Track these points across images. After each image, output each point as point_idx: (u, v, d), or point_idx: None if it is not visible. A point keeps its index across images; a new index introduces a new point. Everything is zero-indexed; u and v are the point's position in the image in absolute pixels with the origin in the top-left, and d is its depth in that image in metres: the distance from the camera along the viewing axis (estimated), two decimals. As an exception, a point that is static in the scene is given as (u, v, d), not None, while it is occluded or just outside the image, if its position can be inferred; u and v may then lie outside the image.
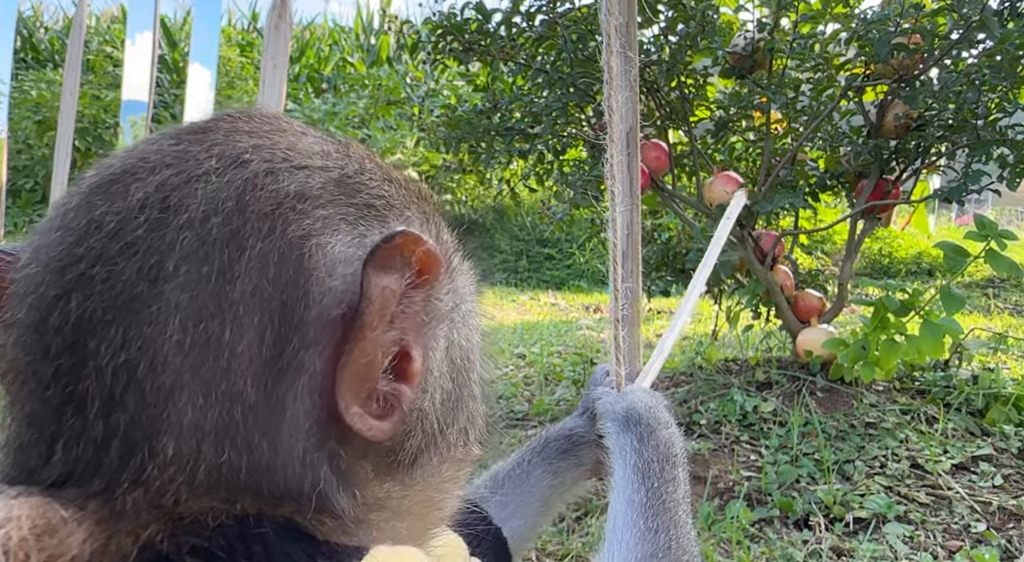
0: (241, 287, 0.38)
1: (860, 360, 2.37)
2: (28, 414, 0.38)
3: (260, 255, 0.38)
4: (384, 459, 0.43)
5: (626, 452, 0.72)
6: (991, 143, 2.28)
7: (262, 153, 0.42)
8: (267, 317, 0.38)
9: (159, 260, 0.37)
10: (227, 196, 0.39)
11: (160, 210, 0.38)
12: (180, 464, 0.37)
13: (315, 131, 0.47)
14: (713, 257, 0.86)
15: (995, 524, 1.89)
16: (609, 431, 0.75)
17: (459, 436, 0.48)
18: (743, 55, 2.64)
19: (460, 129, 2.73)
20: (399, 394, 0.41)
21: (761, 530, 1.89)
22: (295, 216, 0.40)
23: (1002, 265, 2.17)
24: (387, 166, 0.48)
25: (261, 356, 0.38)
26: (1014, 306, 6.11)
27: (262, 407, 0.38)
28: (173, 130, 0.44)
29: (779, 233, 2.82)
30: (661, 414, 0.75)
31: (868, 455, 2.17)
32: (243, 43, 11.37)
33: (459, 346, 0.47)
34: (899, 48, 2.27)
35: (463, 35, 2.52)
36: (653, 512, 0.67)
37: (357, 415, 0.39)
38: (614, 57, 0.83)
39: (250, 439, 0.38)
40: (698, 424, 2.42)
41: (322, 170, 0.42)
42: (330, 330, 0.39)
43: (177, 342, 0.37)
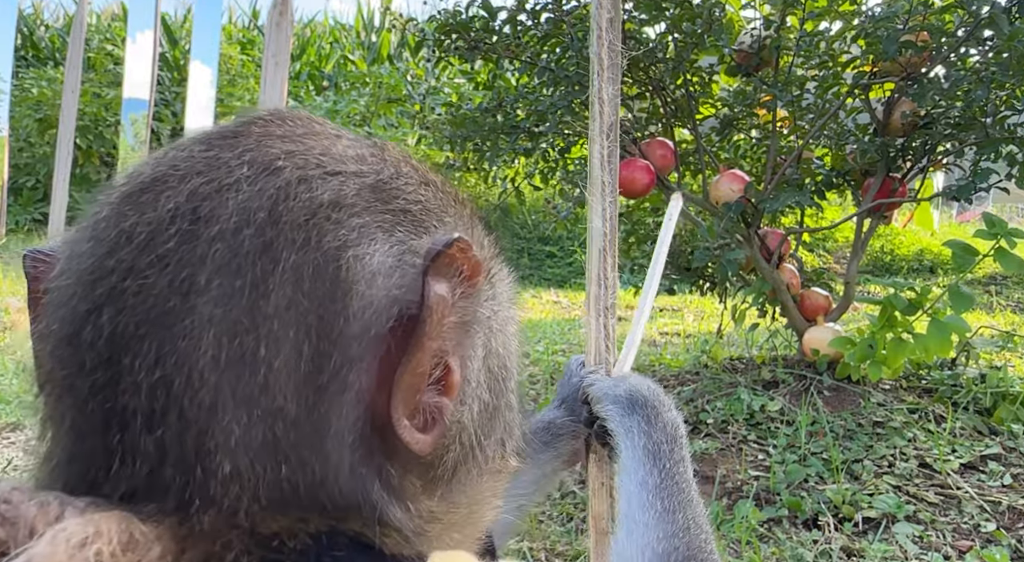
0: (275, 301, 0.37)
1: (867, 359, 2.37)
2: (72, 428, 0.38)
3: (294, 268, 0.37)
4: (426, 474, 0.42)
5: (633, 434, 0.71)
6: (999, 141, 2.27)
7: (295, 159, 0.40)
8: (304, 332, 0.37)
9: (191, 273, 0.37)
10: (259, 206, 0.38)
11: (191, 221, 0.38)
12: (241, 482, 0.36)
13: (349, 134, 0.46)
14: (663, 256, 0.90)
15: (1005, 524, 1.89)
16: (611, 414, 0.75)
17: (496, 448, 0.47)
18: (749, 53, 2.63)
19: (465, 127, 2.72)
20: (441, 407, 0.41)
21: (770, 530, 1.88)
22: (330, 226, 0.39)
23: (1012, 263, 2.16)
24: (424, 168, 0.47)
25: (300, 371, 0.37)
26: (1016, 303, 6.10)
27: (305, 423, 0.37)
28: (204, 135, 0.43)
29: (785, 231, 2.81)
30: (663, 396, 0.75)
31: (876, 454, 2.16)
32: (244, 41, 11.36)
33: (497, 354, 0.46)
34: (907, 46, 2.26)
35: (468, 33, 2.51)
36: (668, 493, 0.67)
37: (407, 428, 0.39)
38: (604, 50, 0.84)
39: (300, 456, 0.37)
40: (705, 423, 2.42)
41: (356, 176, 0.41)
42: (375, 344, 0.38)
43: (212, 357, 0.36)
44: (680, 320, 5.42)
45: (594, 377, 0.80)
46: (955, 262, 2.31)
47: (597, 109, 0.83)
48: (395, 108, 8.96)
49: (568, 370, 0.88)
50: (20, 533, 0.32)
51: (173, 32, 11.17)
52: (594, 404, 0.77)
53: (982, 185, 2.25)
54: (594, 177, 0.84)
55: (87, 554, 0.32)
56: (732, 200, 2.57)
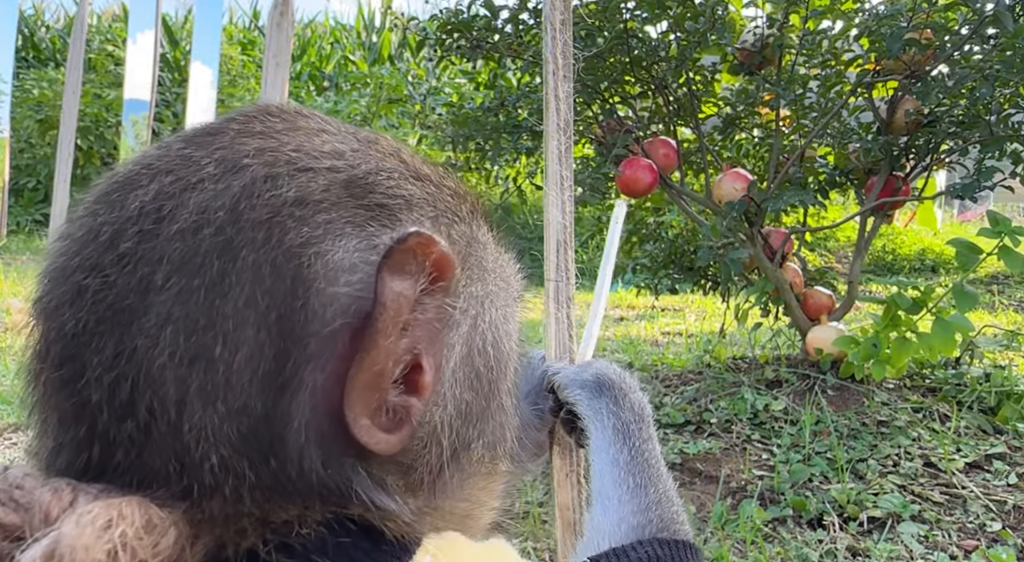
0: (234, 300, 0.36)
1: (871, 358, 2.36)
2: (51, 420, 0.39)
3: (254, 266, 0.37)
4: (405, 474, 0.41)
5: (602, 415, 0.73)
6: (1004, 139, 2.26)
7: (264, 157, 0.40)
8: (264, 330, 0.37)
9: (150, 272, 0.37)
10: (221, 205, 0.38)
11: (155, 220, 0.38)
12: (235, 473, 0.37)
13: (337, 128, 0.45)
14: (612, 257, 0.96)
15: (1011, 523, 1.88)
16: (580, 398, 0.76)
17: (485, 450, 0.46)
18: (752, 51, 2.62)
19: (467, 127, 2.71)
20: (408, 407, 0.40)
21: (775, 530, 1.88)
22: (293, 223, 0.38)
23: (1016, 262, 2.15)
24: (417, 162, 0.46)
25: (261, 369, 0.36)
26: (1019, 302, 6.09)
27: (270, 420, 0.37)
28: (189, 132, 0.43)
29: (789, 230, 2.80)
30: (629, 378, 0.77)
31: (881, 453, 2.15)
32: (245, 41, 11.36)
33: (483, 353, 0.44)
34: (910, 43, 2.25)
35: (470, 32, 2.50)
36: (639, 469, 0.68)
37: (365, 428, 0.38)
38: (559, 50, 0.88)
39: (273, 451, 0.37)
40: (708, 423, 2.41)
41: (329, 171, 0.41)
42: (335, 342, 0.38)
43: (170, 355, 0.36)
44: (683, 320, 5.41)
45: (559, 366, 0.82)
46: (959, 261, 2.30)
47: (553, 106, 0.87)
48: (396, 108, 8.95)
49: (530, 364, 0.90)
50: (35, 518, 0.33)
51: (174, 33, 11.18)
52: (561, 391, 0.78)
53: (986, 183, 2.24)
54: (551, 171, 0.87)
55: (112, 535, 0.32)
56: (735, 199, 2.56)
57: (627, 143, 2.67)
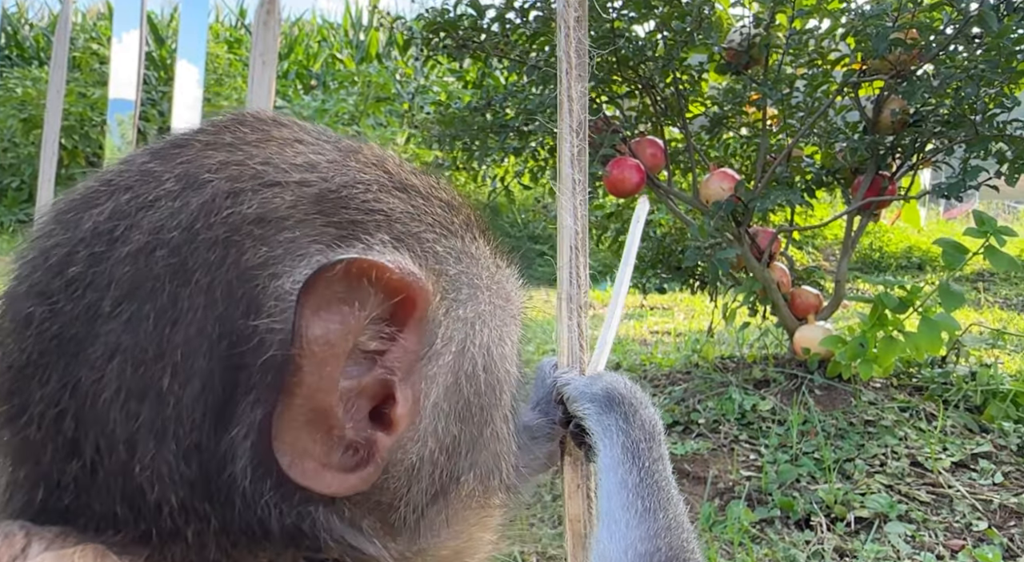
0: (185, 327, 0.34)
1: (858, 357, 2.36)
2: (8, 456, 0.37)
3: (207, 290, 0.34)
4: (384, 514, 0.38)
5: (612, 432, 0.70)
6: (989, 139, 2.27)
7: (228, 171, 0.37)
8: (216, 360, 0.33)
9: (98, 298, 0.34)
10: (176, 224, 0.35)
11: (107, 242, 0.35)
12: (196, 515, 0.34)
13: (316, 137, 0.41)
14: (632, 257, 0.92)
15: (996, 522, 1.88)
16: (588, 412, 0.73)
17: (478, 483, 0.42)
18: (739, 51, 2.62)
19: (454, 126, 2.69)
20: (373, 443, 0.36)
21: (762, 531, 1.87)
22: (251, 243, 0.35)
23: (1001, 261, 2.16)
24: (403, 173, 0.42)
25: (210, 404, 0.33)
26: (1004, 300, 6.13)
27: (221, 460, 0.34)
28: (158, 144, 0.40)
29: (776, 230, 2.80)
30: (640, 393, 0.74)
31: (868, 453, 2.16)
32: (231, 40, 11.29)
33: (474, 380, 0.41)
34: (896, 43, 2.25)
35: (456, 31, 2.49)
36: (648, 492, 0.66)
37: (309, 470, 0.34)
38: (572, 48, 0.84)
39: (229, 494, 0.34)
40: (696, 423, 2.40)
41: (299, 185, 0.37)
42: (271, 376, 0.34)
43: (117, 389, 0.33)
44: (671, 319, 5.41)
45: (568, 376, 0.78)
46: (945, 260, 2.30)
47: (566, 107, 0.83)
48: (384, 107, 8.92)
49: (541, 372, 0.87)
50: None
51: (160, 31, 11.09)
52: (570, 404, 0.75)
53: (972, 183, 2.25)
54: (564, 175, 0.84)
55: None
56: (722, 199, 2.56)
57: (614, 143, 2.66)
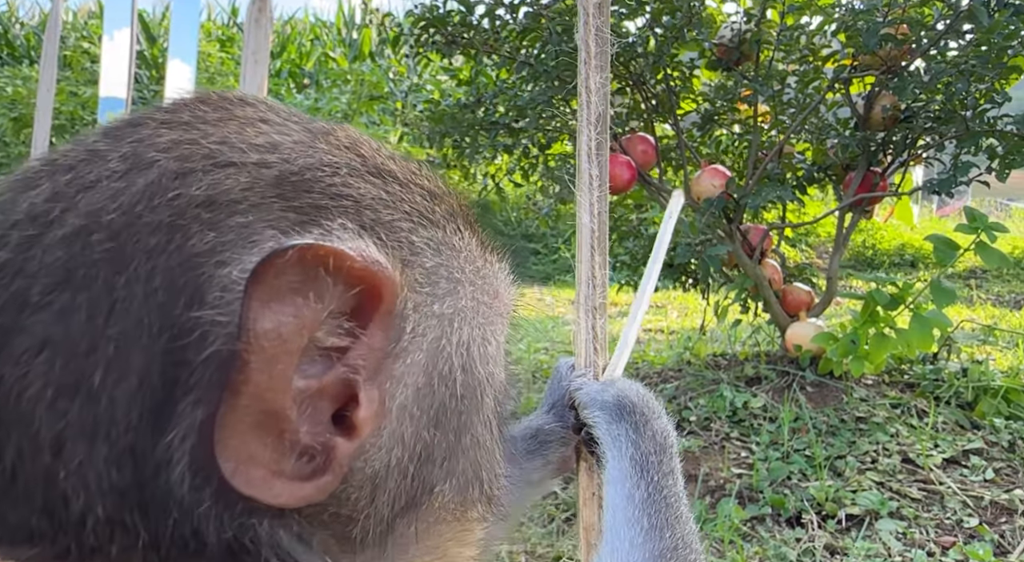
0: (121, 319, 0.30)
1: (850, 354, 2.36)
2: None
3: (147, 279, 0.31)
4: (344, 528, 0.35)
5: (621, 443, 0.67)
6: (980, 134, 2.26)
7: (179, 150, 0.34)
8: (153, 356, 0.30)
9: (25, 286, 0.31)
10: (117, 206, 0.32)
11: (41, 225, 0.32)
12: (122, 528, 0.31)
13: (284, 118, 0.39)
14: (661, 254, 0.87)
15: (987, 519, 1.88)
16: (598, 421, 0.70)
17: (455, 494, 0.39)
18: (730, 47, 2.61)
19: (444, 124, 2.68)
20: (331, 449, 0.33)
21: (753, 529, 1.86)
22: (198, 228, 0.32)
23: (992, 258, 2.16)
24: (380, 157, 0.40)
25: (143, 404, 0.30)
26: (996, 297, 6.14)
27: (156, 465, 0.31)
28: (112, 123, 0.37)
29: (767, 227, 2.80)
30: (653, 402, 0.71)
31: (859, 450, 2.15)
32: (223, 38, 11.24)
33: (450, 382, 0.38)
34: (887, 39, 2.24)
35: (446, 27, 2.47)
36: (656, 508, 0.62)
37: (257, 479, 0.31)
38: (592, 36, 0.79)
39: (164, 503, 0.31)
40: (688, 421, 2.39)
41: (257, 167, 0.34)
42: (213, 372, 0.30)
43: (43, 385, 0.30)
44: (664, 316, 5.41)
45: (581, 381, 0.76)
46: (936, 256, 2.30)
47: (584, 98, 0.79)
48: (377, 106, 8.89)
49: (557, 373, 0.84)
50: None
51: (152, 30, 11.05)
52: (581, 410, 0.73)
53: (963, 178, 2.24)
54: (581, 170, 0.79)
55: None
56: (713, 196, 2.55)
57: (605, 140, 2.65)
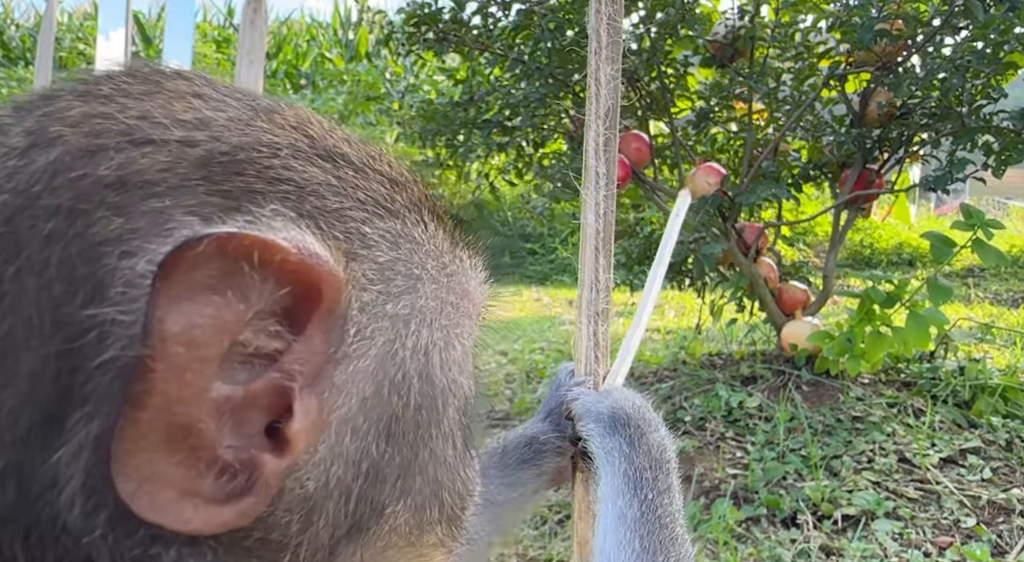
0: (9, 316, 0.27)
1: (846, 353, 2.34)
2: None
3: (41, 270, 0.27)
4: (276, 555, 0.31)
5: (614, 458, 0.64)
6: (976, 130, 2.24)
7: (90, 125, 0.30)
8: (45, 359, 0.27)
9: None
10: (13, 187, 0.28)
11: None
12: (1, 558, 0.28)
13: (224, 94, 0.34)
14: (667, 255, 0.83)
15: (985, 519, 1.86)
16: (592, 434, 0.67)
17: (411, 515, 0.35)
18: (724, 44, 2.59)
19: (435, 122, 2.65)
20: (258, 467, 0.29)
21: (748, 530, 1.84)
22: (104, 213, 0.28)
23: (989, 255, 2.14)
24: (335, 139, 0.36)
25: (33, 415, 0.27)
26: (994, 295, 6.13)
27: (45, 485, 0.27)
28: (26, 96, 0.34)
29: (763, 225, 2.78)
30: (649, 414, 0.68)
31: (855, 450, 2.13)
32: (219, 39, 11.23)
33: (404, 390, 0.34)
34: (882, 34, 2.22)
35: (436, 24, 2.45)
36: (648, 529, 0.60)
37: (163, 502, 0.27)
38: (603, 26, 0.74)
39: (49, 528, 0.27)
40: (683, 421, 2.37)
41: (180, 144, 0.30)
42: (113, 380, 0.27)
43: None
44: (660, 316, 5.39)
45: (578, 390, 0.72)
46: (933, 254, 2.28)
47: (593, 91, 0.74)
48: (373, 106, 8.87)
49: (556, 379, 0.80)
50: None
51: (147, 31, 11.03)
52: (576, 421, 0.70)
53: (959, 175, 2.22)
54: (588, 167, 0.76)
55: None
56: (708, 193, 2.53)
57: (598, 137, 2.63)
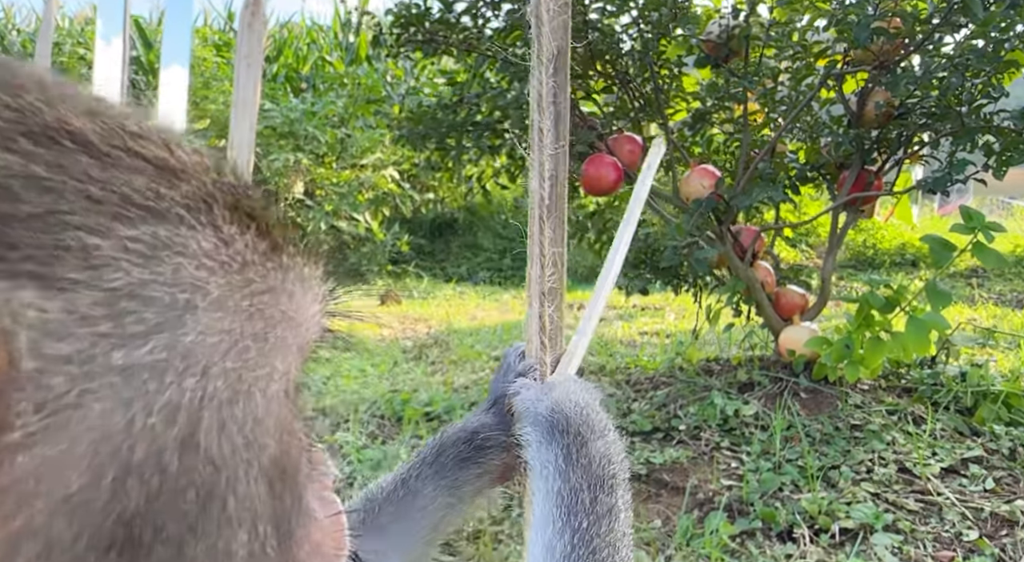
0: None
1: (844, 359, 2.28)
2: None
3: None
4: None
5: (548, 474, 0.56)
6: (976, 130, 2.18)
7: None
8: None
9: None
10: None
11: None
12: None
13: None
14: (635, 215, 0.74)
15: (987, 531, 1.80)
16: (529, 440, 0.59)
17: None
18: (718, 43, 2.53)
19: (424, 124, 2.60)
20: None
21: (743, 544, 1.78)
22: None
23: (990, 258, 2.08)
24: (75, 114, 0.27)
25: None
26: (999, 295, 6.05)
27: None
28: None
29: (759, 228, 2.72)
30: (594, 416, 0.59)
31: (854, 459, 2.07)
32: (219, 43, 11.21)
33: (159, 475, 0.25)
34: (878, 32, 2.17)
35: (423, 25, 2.40)
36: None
37: None
38: None
39: None
40: (677, 429, 2.32)
41: None
42: None
43: None
44: (661, 319, 5.33)
45: (521, 383, 0.65)
46: (933, 258, 2.22)
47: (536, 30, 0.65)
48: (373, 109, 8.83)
49: (504, 362, 0.71)
50: None
51: (148, 35, 11.01)
52: (516, 420, 0.63)
53: (958, 176, 2.16)
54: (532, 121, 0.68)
55: None
56: (703, 196, 2.47)
57: (590, 140, 2.58)
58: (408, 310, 5.57)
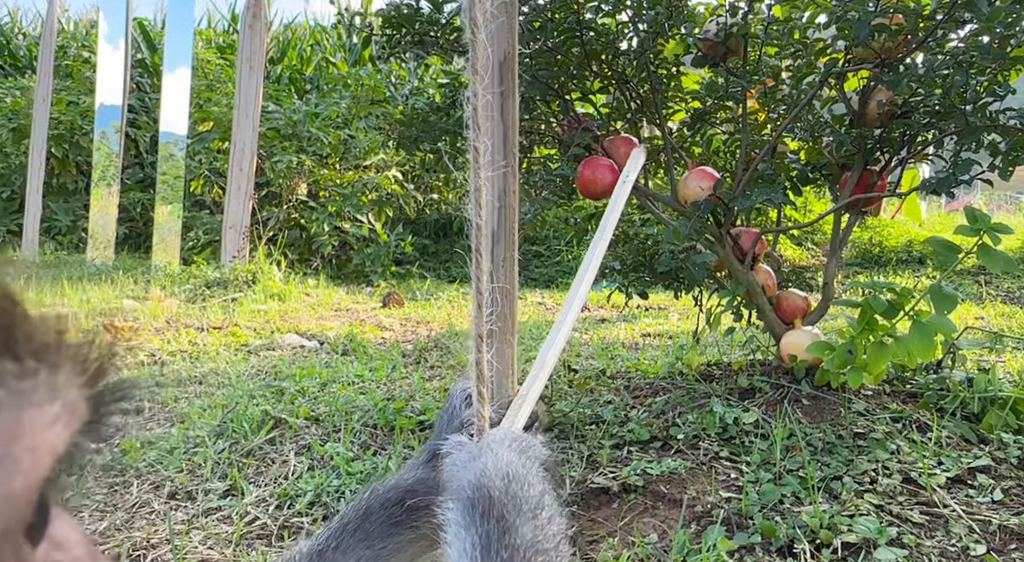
0: None
1: (847, 365, 2.22)
2: None
3: None
4: None
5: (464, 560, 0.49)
6: (981, 129, 2.12)
7: None
8: None
9: None
10: None
11: None
12: None
13: None
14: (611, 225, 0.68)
15: (995, 546, 1.73)
16: (450, 519, 0.51)
17: None
18: (715, 42, 2.48)
19: (415, 127, 2.55)
20: None
21: (741, 560, 1.73)
22: None
23: (996, 261, 2.01)
24: None
25: None
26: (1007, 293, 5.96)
27: None
28: None
29: (759, 230, 2.66)
30: (525, 491, 0.51)
31: (857, 469, 2.01)
32: (223, 45, 11.20)
33: None
34: (880, 29, 2.10)
35: (413, 26, 2.35)
36: None
37: None
38: None
39: None
40: (675, 438, 2.26)
41: None
42: None
43: None
44: (664, 320, 5.26)
45: (454, 442, 0.57)
46: (937, 261, 2.15)
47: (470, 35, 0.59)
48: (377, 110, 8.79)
49: (449, 405, 0.64)
50: None
51: (152, 38, 11.01)
52: (444, 487, 0.55)
53: (963, 177, 2.10)
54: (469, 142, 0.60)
55: None
56: (701, 198, 2.42)
57: (585, 142, 2.52)
58: (410, 312, 5.52)
